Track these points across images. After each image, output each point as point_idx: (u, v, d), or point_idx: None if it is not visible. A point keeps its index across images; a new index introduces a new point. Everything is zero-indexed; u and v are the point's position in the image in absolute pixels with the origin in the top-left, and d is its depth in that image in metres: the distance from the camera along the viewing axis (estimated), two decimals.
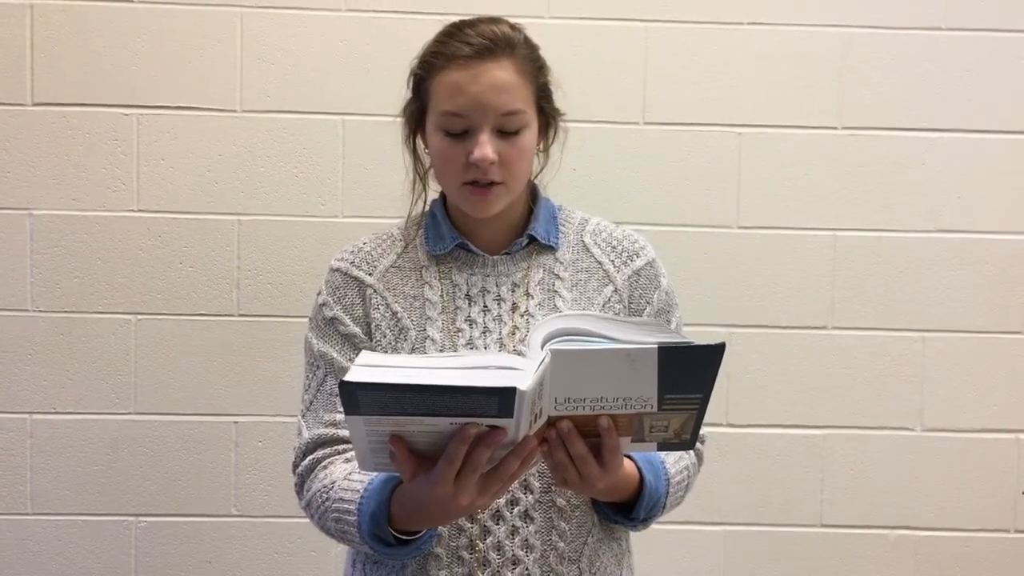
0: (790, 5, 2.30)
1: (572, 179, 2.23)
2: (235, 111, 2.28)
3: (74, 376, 2.29)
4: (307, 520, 1.43)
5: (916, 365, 2.35)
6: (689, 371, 1.16)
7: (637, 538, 1.55)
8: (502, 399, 1.07)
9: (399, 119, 1.48)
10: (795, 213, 2.33)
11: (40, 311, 2.28)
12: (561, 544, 1.40)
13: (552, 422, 1.19)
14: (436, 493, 1.17)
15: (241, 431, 2.31)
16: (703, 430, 1.50)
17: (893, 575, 2.37)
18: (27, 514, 2.30)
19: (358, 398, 1.08)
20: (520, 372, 1.10)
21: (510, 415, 1.09)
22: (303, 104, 2.28)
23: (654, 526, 1.48)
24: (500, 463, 1.17)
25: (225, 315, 2.29)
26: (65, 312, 2.28)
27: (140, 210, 2.28)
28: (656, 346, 1.13)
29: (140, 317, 2.29)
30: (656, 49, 2.30)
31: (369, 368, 1.11)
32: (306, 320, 1.51)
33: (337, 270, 1.47)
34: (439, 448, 1.15)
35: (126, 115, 2.27)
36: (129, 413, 2.30)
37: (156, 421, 2.30)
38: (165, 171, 2.28)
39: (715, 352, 1.16)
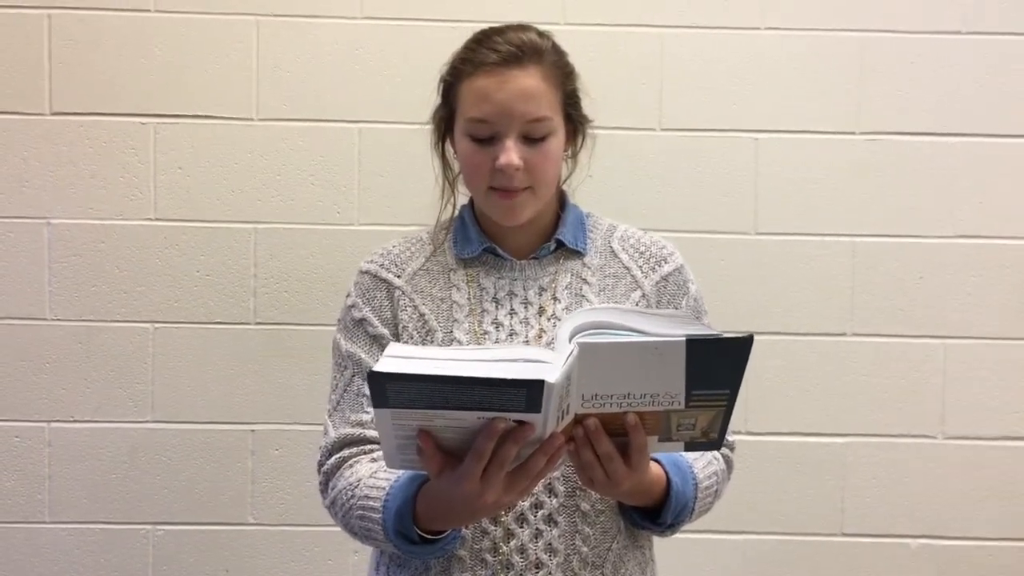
0: (806, 10, 2.30)
1: (588, 185, 2.20)
2: (251, 119, 2.28)
3: (92, 384, 2.29)
4: (325, 528, 1.43)
5: (937, 372, 2.33)
6: (717, 365, 1.15)
7: (656, 546, 1.53)
8: (530, 392, 1.06)
9: (428, 125, 1.50)
10: (813, 219, 2.32)
11: (58, 320, 2.28)
12: (585, 549, 1.39)
13: (579, 420, 1.18)
14: (462, 490, 1.17)
15: (258, 439, 2.30)
16: (732, 436, 1.50)
17: None
18: (45, 522, 2.29)
19: (387, 390, 1.08)
20: (548, 365, 1.09)
21: (538, 409, 1.08)
22: (319, 112, 2.28)
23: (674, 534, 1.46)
24: (527, 460, 1.16)
25: (242, 323, 2.29)
26: (83, 320, 2.28)
27: (157, 219, 2.28)
28: (684, 339, 1.12)
29: (157, 325, 2.29)
30: (672, 55, 2.30)
31: (398, 359, 1.11)
32: (324, 327, 1.51)
33: (366, 272, 1.48)
34: (466, 445, 1.14)
35: (143, 124, 2.28)
36: (146, 421, 2.29)
37: (173, 429, 2.29)
38: (182, 180, 2.28)
39: (743, 344, 1.14)
